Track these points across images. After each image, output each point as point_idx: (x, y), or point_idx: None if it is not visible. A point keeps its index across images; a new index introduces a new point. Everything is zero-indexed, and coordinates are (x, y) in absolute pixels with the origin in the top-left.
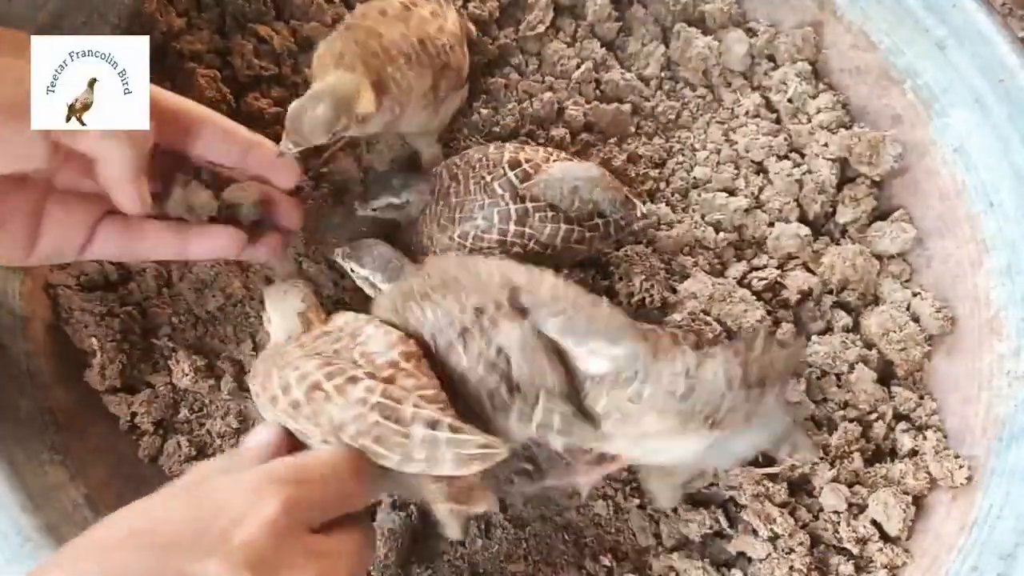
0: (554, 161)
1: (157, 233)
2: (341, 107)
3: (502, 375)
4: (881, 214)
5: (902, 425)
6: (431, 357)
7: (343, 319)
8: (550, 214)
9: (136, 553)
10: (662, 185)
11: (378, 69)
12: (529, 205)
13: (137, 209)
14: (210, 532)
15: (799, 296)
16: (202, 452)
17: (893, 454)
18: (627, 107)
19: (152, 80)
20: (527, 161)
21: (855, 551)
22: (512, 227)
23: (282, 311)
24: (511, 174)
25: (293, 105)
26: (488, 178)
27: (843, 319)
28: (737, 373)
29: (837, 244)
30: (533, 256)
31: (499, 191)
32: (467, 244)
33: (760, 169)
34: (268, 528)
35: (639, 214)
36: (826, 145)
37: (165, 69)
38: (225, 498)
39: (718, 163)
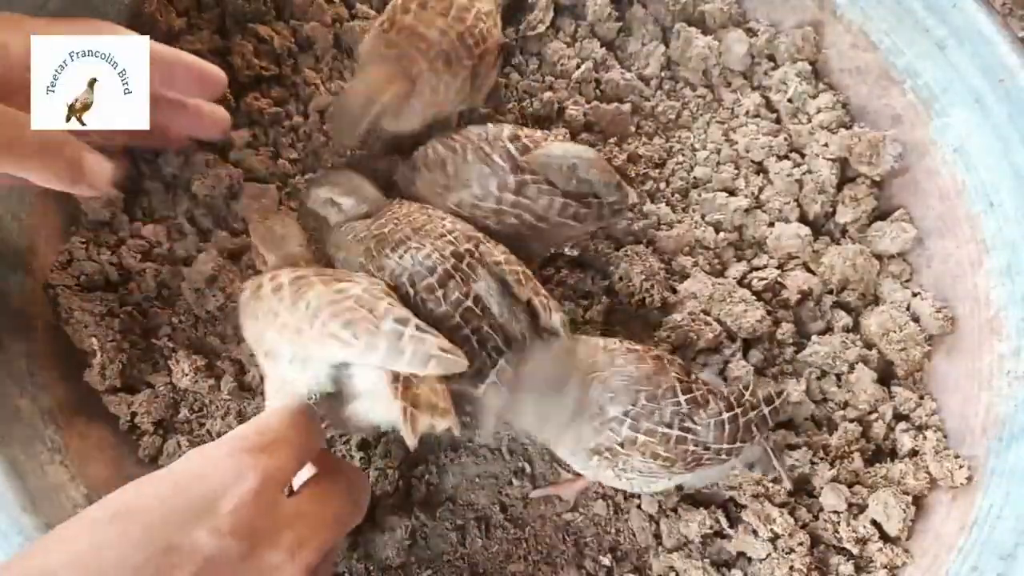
0: (553, 139)
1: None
2: (368, 106)
3: (475, 327)
4: (881, 214)
5: (902, 425)
6: (406, 303)
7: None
8: (547, 187)
9: (125, 528)
10: (662, 185)
11: (415, 76)
12: (527, 177)
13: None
14: (196, 505)
15: (799, 296)
16: None
17: (893, 454)
18: (627, 107)
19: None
20: (527, 136)
21: (855, 551)
22: (509, 196)
23: (277, 249)
24: (511, 146)
25: (330, 105)
26: (487, 149)
27: (843, 319)
28: (724, 431)
29: (837, 244)
30: (527, 228)
31: (499, 161)
32: (463, 212)
33: (760, 169)
34: (250, 497)
35: (631, 200)
36: (826, 145)
37: None
38: (206, 472)
39: (718, 163)
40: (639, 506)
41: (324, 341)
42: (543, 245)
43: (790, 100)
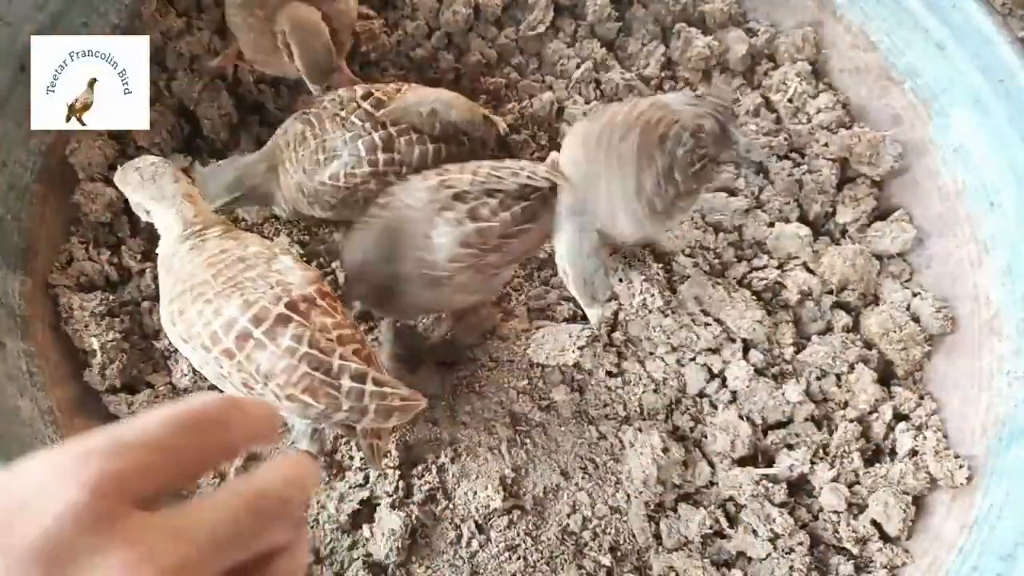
0: (406, 89)
1: None
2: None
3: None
4: (881, 214)
5: (902, 425)
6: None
7: (255, 246)
8: (415, 136)
9: None
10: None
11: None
12: (392, 130)
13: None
14: None
15: (799, 296)
16: None
17: (893, 454)
18: None
19: (152, 80)
20: (380, 91)
21: (855, 551)
22: (381, 155)
23: (159, 196)
24: (365, 104)
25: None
26: (343, 113)
27: (843, 319)
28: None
29: (837, 244)
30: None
31: (357, 122)
32: (340, 183)
33: (760, 169)
34: (67, 513)
35: (501, 131)
36: (826, 145)
37: (165, 69)
38: (24, 482)
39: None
40: (641, 504)
41: (280, 403)
42: None
43: (790, 100)
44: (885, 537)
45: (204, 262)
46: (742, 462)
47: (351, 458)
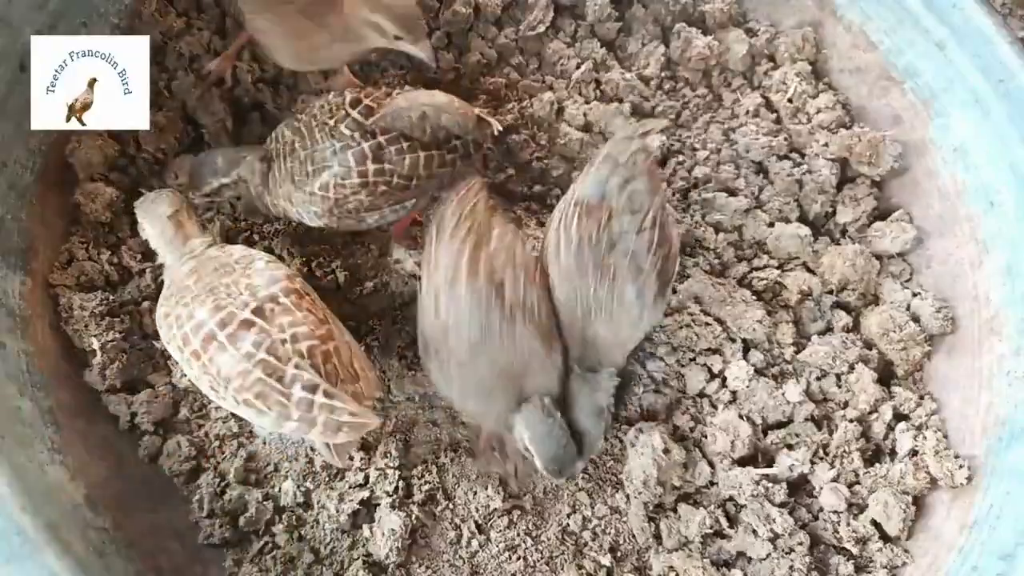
0: (397, 94)
1: None
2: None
3: None
4: (881, 214)
5: (902, 425)
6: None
7: (239, 252)
8: (405, 145)
9: None
10: (662, 185)
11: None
12: (381, 139)
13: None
14: None
15: (799, 296)
16: (201, 452)
17: (893, 454)
18: (627, 107)
19: (152, 80)
20: (369, 97)
21: (855, 551)
22: (371, 166)
23: (151, 218)
24: (355, 113)
25: None
26: (332, 122)
27: (843, 319)
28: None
29: (837, 244)
30: (399, 190)
31: (347, 132)
32: (330, 195)
33: (760, 169)
34: None
35: (495, 131)
36: (826, 145)
37: (165, 69)
38: None
39: (718, 163)
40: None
41: (238, 408)
42: (424, 197)
43: (790, 100)
44: (885, 537)
45: (189, 270)
46: (742, 462)
47: (351, 458)
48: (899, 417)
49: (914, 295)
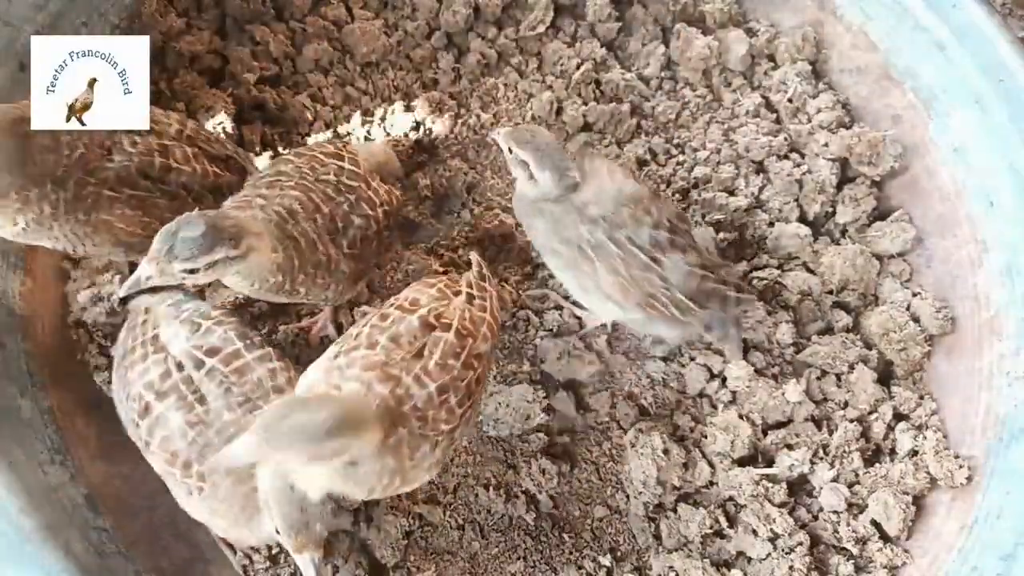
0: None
1: None
2: None
3: None
4: (881, 214)
5: (902, 425)
6: None
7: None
8: None
9: None
10: (662, 185)
11: None
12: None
13: None
14: None
15: (799, 296)
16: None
17: (893, 454)
18: (627, 107)
19: (152, 80)
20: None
21: (855, 551)
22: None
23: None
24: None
25: None
26: None
27: (843, 319)
28: (692, 284)
29: (837, 244)
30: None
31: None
32: None
33: (760, 169)
34: None
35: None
36: (826, 145)
37: (165, 69)
38: None
39: (718, 163)
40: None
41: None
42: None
43: (790, 100)
44: (885, 537)
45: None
46: (742, 462)
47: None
48: (899, 417)
49: (914, 295)
